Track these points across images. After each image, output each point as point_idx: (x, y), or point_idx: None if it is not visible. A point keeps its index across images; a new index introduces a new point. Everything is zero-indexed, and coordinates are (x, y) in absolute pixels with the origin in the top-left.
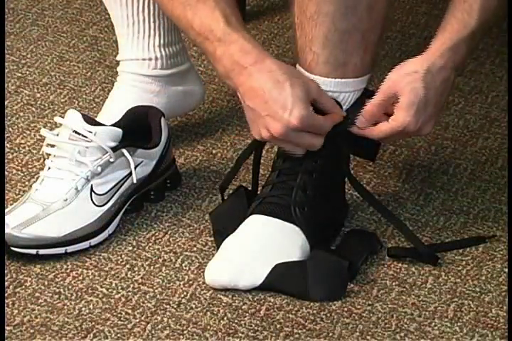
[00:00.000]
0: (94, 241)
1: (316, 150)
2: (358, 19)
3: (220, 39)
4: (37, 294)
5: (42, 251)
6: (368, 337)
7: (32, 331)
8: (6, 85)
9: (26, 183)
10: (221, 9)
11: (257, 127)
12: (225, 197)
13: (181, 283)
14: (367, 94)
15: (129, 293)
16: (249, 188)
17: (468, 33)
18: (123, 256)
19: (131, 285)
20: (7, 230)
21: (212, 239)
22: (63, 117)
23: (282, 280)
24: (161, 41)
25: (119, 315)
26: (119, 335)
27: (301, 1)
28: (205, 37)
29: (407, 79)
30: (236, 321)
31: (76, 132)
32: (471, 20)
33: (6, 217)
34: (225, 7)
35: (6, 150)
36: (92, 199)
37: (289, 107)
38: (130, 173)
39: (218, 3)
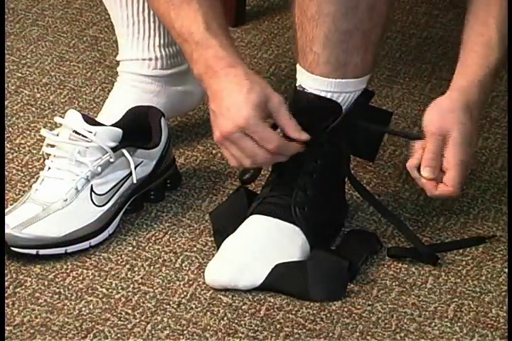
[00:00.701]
0: (94, 241)
1: (257, 165)
2: (359, 19)
3: (198, 43)
4: (37, 294)
5: (42, 251)
6: (368, 337)
7: (32, 331)
8: (6, 85)
9: (26, 183)
10: (204, 13)
11: (215, 128)
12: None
13: (181, 283)
14: (367, 94)
15: (129, 293)
16: (250, 188)
17: (494, 65)
18: (123, 256)
19: (131, 286)
20: (7, 230)
21: (212, 239)
22: (63, 117)
23: (282, 280)
24: (161, 41)
25: (119, 315)
26: (119, 335)
27: (302, 1)
28: (185, 39)
29: (452, 116)
30: (236, 321)
31: (76, 132)
32: (493, 53)
33: (6, 217)
34: (208, 11)
35: (6, 150)
36: (92, 200)
37: (239, 107)
38: (130, 173)
39: (202, 6)
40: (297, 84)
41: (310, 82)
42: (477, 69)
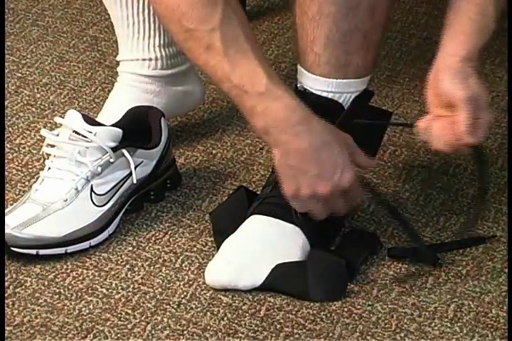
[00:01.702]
0: (94, 241)
1: (338, 215)
2: (360, 20)
3: (263, 94)
4: (37, 294)
5: (42, 252)
6: (368, 338)
7: (32, 331)
8: (6, 85)
9: (26, 183)
10: (263, 64)
11: (296, 184)
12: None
13: (181, 283)
14: (367, 94)
15: (129, 294)
16: (250, 188)
17: (488, 39)
18: (123, 256)
19: (131, 286)
20: (7, 230)
21: (212, 239)
22: (63, 117)
23: (282, 280)
24: (161, 41)
25: (119, 316)
26: (119, 335)
27: (303, 1)
28: (245, 90)
29: (470, 80)
30: (236, 321)
31: (76, 132)
32: (491, 23)
33: (6, 217)
34: (266, 63)
35: (6, 150)
36: (92, 200)
37: (340, 168)
38: (130, 173)
39: (260, 58)
40: (298, 85)
41: (311, 82)
42: (477, 39)
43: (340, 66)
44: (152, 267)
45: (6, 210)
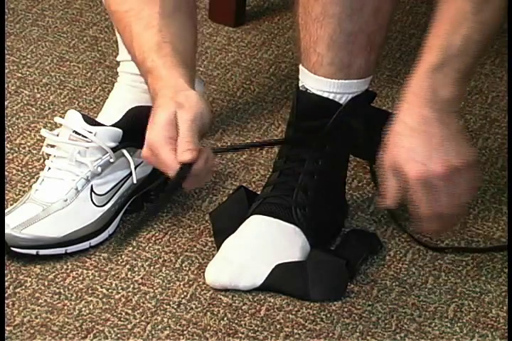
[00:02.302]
0: (94, 241)
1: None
2: (364, 21)
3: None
4: (37, 294)
5: (42, 252)
6: (368, 338)
7: (32, 331)
8: (6, 85)
9: (26, 183)
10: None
11: None
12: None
13: (181, 283)
14: (368, 95)
15: (129, 294)
16: (250, 188)
17: (431, 68)
18: (123, 256)
19: (131, 286)
20: (7, 230)
21: (212, 239)
22: (63, 117)
23: (282, 280)
24: None
25: (119, 316)
26: (119, 335)
27: (307, 1)
28: (139, 65)
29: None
30: (236, 321)
31: (76, 132)
32: (431, 58)
33: (6, 218)
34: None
35: (6, 150)
36: (92, 200)
37: (148, 130)
38: (130, 173)
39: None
40: (300, 85)
41: (313, 82)
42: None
43: (343, 67)
44: (152, 267)
45: (6, 210)
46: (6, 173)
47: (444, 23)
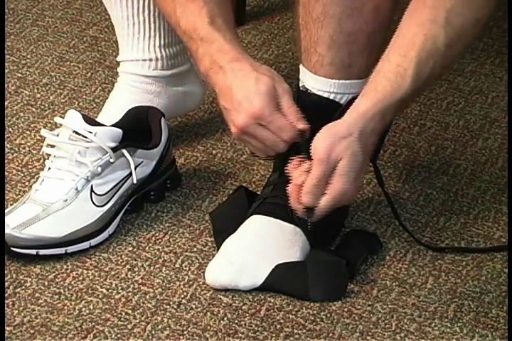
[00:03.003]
0: (94, 241)
1: (279, 152)
2: (364, 21)
3: (203, 38)
4: (37, 294)
5: (42, 252)
6: (368, 338)
7: (32, 331)
8: (6, 85)
9: (26, 184)
10: (209, 9)
11: (228, 124)
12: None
13: (181, 283)
14: None
15: (129, 294)
16: (250, 188)
17: (401, 97)
18: (123, 256)
19: (132, 286)
20: (7, 230)
21: (212, 239)
22: (63, 117)
23: (282, 280)
24: (162, 42)
25: (119, 316)
26: (119, 336)
27: (307, 1)
28: (190, 36)
29: (344, 143)
30: (236, 321)
31: (76, 132)
32: (405, 85)
33: (6, 218)
34: (213, 7)
35: (6, 150)
36: (92, 200)
37: (250, 99)
38: (130, 174)
39: (207, 2)
40: (300, 85)
41: (313, 82)
42: (385, 97)
43: (344, 67)
44: (152, 267)
45: (6, 210)
46: (6, 173)
47: (417, 48)
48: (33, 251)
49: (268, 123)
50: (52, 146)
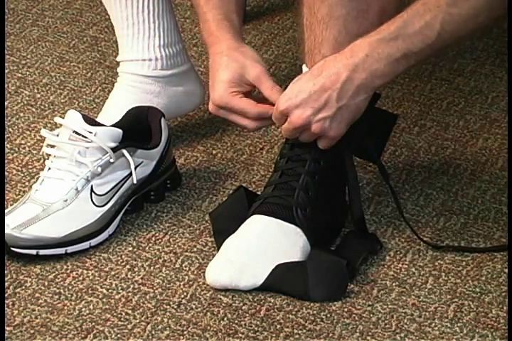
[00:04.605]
0: (94, 241)
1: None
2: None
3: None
4: (37, 294)
5: (42, 252)
6: (368, 338)
7: (32, 331)
8: (6, 86)
9: (26, 184)
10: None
11: None
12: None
13: (181, 283)
14: (372, 96)
15: (129, 294)
16: (250, 188)
17: (376, 38)
18: (123, 256)
19: (132, 286)
20: (7, 230)
21: (212, 239)
22: (63, 118)
23: (283, 280)
24: (161, 42)
25: (119, 316)
26: (119, 336)
27: (312, 2)
28: (204, 40)
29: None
30: (236, 321)
31: (76, 132)
32: (385, 28)
33: (6, 218)
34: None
35: (6, 150)
36: (92, 200)
37: (214, 86)
38: (130, 174)
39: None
40: None
41: None
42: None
43: None
44: (152, 267)
45: (6, 210)
46: (6, 173)
47: (419, 2)
48: (33, 251)
49: (230, 109)
50: (52, 146)
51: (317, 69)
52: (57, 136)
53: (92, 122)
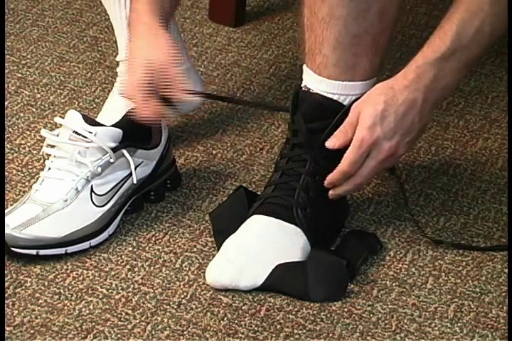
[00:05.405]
0: (94, 241)
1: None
2: (370, 23)
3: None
4: (37, 294)
5: (42, 252)
6: (368, 338)
7: (32, 331)
8: (6, 86)
9: (26, 184)
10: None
11: None
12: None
13: (181, 283)
14: None
15: (129, 294)
16: (250, 188)
17: (437, 56)
18: (123, 256)
19: (132, 286)
20: (7, 231)
21: (212, 239)
22: (63, 118)
23: (283, 280)
24: None
25: (119, 316)
26: (119, 336)
27: (313, 2)
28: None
29: (368, 97)
30: (236, 322)
31: (76, 132)
32: (442, 44)
33: (6, 218)
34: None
35: (6, 150)
36: (92, 200)
37: (125, 87)
38: (130, 174)
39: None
40: (302, 85)
41: (317, 83)
42: (418, 57)
43: (348, 68)
44: (152, 267)
45: (6, 210)
46: (6, 173)
47: (461, 10)
48: (33, 251)
49: (142, 110)
50: (53, 146)
51: (391, 99)
52: (57, 136)
53: (92, 122)
